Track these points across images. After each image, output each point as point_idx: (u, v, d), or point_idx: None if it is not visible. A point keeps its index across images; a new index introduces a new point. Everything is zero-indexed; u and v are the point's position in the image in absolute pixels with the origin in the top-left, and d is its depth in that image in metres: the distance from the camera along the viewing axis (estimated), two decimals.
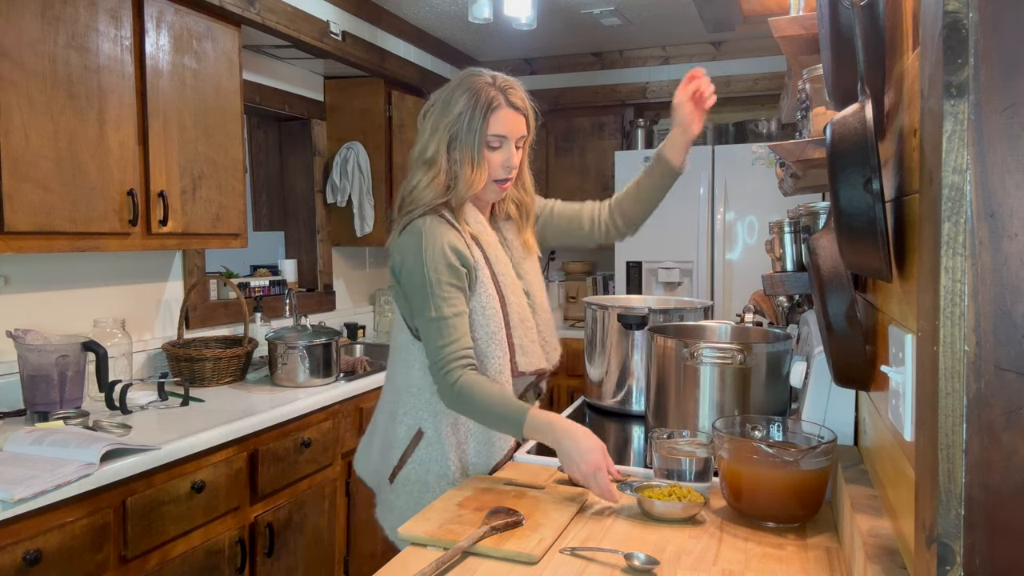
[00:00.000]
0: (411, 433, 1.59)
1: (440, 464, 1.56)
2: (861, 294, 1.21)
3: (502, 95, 1.54)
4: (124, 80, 2.15)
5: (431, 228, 1.52)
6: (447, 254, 1.50)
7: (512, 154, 1.57)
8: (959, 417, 0.60)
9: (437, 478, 1.56)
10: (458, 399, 1.49)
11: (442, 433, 1.57)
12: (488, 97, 1.52)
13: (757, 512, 1.27)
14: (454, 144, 1.54)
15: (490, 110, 1.52)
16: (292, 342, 2.62)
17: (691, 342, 1.63)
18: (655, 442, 1.41)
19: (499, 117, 1.53)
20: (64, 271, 2.37)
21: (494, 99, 1.53)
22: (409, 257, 1.53)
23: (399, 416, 1.61)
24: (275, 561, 2.28)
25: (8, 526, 1.53)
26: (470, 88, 1.53)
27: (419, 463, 1.58)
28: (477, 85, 1.54)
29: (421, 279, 1.50)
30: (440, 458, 1.56)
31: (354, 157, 3.59)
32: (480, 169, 1.54)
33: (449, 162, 1.55)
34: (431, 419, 1.58)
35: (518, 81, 1.60)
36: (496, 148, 1.55)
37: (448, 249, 1.50)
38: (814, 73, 1.50)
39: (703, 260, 3.98)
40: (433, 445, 1.57)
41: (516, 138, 1.58)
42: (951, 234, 0.60)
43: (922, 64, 0.70)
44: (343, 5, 3.27)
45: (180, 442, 1.92)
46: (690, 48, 4.34)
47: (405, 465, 1.59)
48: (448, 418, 1.58)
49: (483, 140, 1.52)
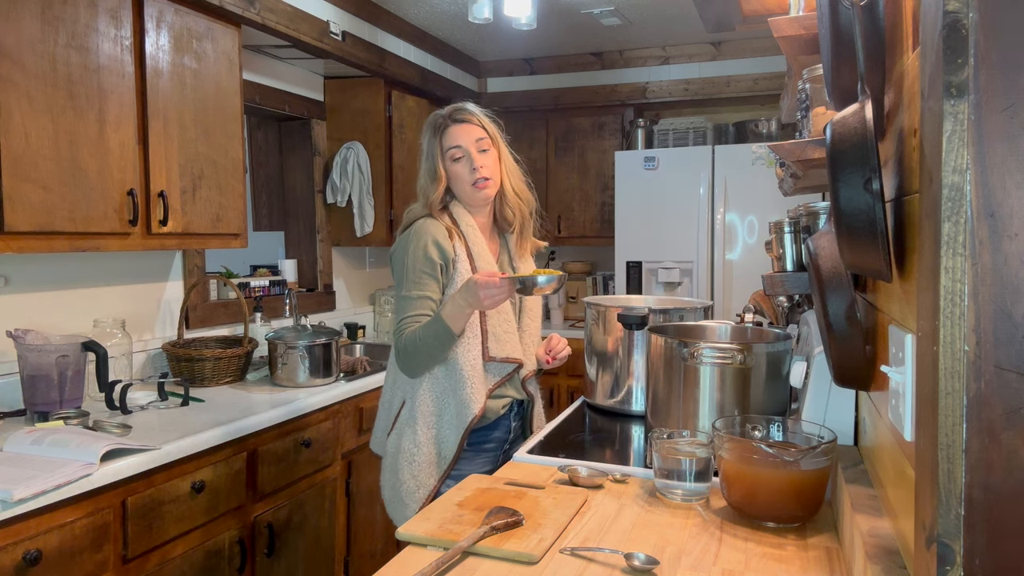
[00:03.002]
0: (399, 404, 1.86)
1: (411, 429, 1.81)
2: (861, 294, 1.21)
3: (448, 118, 1.85)
4: (124, 80, 2.15)
5: (421, 225, 1.82)
6: (428, 246, 1.78)
7: (475, 157, 1.82)
8: (959, 417, 0.60)
9: (408, 443, 1.80)
10: (403, 350, 1.76)
11: (416, 402, 1.81)
12: (438, 123, 1.86)
13: (757, 512, 1.27)
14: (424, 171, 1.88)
15: (441, 131, 1.85)
16: (292, 342, 2.62)
17: (691, 342, 1.63)
18: (655, 442, 1.41)
19: (449, 133, 1.84)
20: (64, 271, 2.37)
21: (442, 123, 1.86)
22: (398, 250, 1.84)
23: (396, 389, 1.89)
24: (275, 561, 2.28)
25: (8, 526, 1.53)
26: (428, 125, 1.89)
27: (398, 429, 1.84)
28: (431, 120, 1.89)
29: (402, 265, 1.81)
30: (411, 424, 1.81)
31: (354, 157, 3.59)
32: (439, 179, 1.84)
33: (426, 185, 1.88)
34: (410, 391, 1.83)
35: (469, 103, 1.90)
36: (459, 159, 1.83)
37: (430, 242, 1.78)
38: (814, 73, 1.50)
39: (703, 260, 3.97)
40: (409, 413, 1.82)
41: (473, 143, 1.83)
42: (951, 234, 0.60)
43: (922, 64, 0.70)
44: (343, 5, 3.27)
45: (180, 442, 1.92)
46: (690, 48, 4.34)
47: (392, 432, 1.87)
48: (422, 390, 1.80)
49: (441, 155, 1.84)
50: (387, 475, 1.86)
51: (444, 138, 1.84)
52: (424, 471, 1.79)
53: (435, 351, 1.74)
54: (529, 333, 1.95)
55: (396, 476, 1.82)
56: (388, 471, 1.85)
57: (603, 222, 4.47)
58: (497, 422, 1.88)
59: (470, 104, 1.89)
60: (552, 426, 1.95)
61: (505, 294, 1.67)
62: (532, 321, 1.97)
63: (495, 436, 1.89)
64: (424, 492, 1.79)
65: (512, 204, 1.91)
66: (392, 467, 1.83)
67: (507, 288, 1.67)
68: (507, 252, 1.97)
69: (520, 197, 1.92)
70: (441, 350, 1.75)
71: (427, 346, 1.73)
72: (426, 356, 1.75)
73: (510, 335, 1.86)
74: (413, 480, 1.79)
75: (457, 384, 1.79)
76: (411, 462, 1.79)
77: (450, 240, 1.80)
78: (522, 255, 1.97)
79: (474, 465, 1.84)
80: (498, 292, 1.66)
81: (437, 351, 1.74)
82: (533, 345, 1.97)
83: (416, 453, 1.79)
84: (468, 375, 1.78)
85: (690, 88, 4.38)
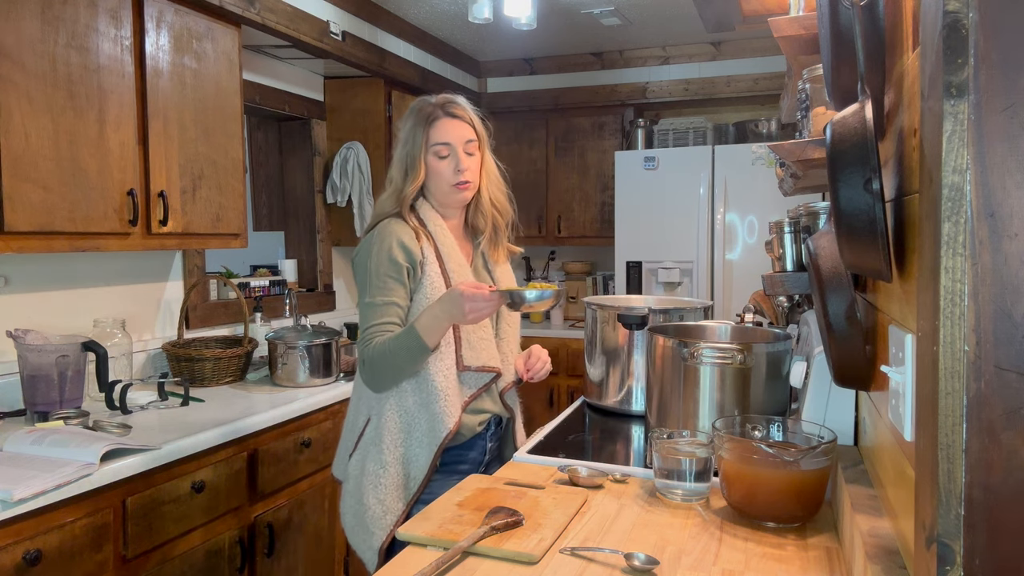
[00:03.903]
0: (364, 421, 1.72)
1: (376, 448, 1.67)
2: (861, 294, 1.21)
3: (440, 109, 1.72)
4: (124, 80, 2.15)
5: (385, 227, 1.69)
6: (393, 248, 1.65)
7: (461, 158, 1.71)
8: (959, 417, 0.60)
9: (373, 463, 1.66)
10: (370, 363, 1.62)
11: (383, 419, 1.67)
12: (427, 113, 1.72)
13: (757, 512, 1.27)
14: (399, 160, 1.74)
15: (429, 122, 1.71)
16: (292, 342, 2.62)
17: (691, 342, 1.63)
18: (655, 442, 1.41)
19: (439, 127, 1.71)
20: (64, 271, 2.37)
21: (432, 113, 1.71)
22: (361, 253, 1.70)
23: (360, 407, 1.75)
24: (275, 561, 2.28)
25: (8, 526, 1.53)
26: (413, 111, 1.75)
27: (362, 449, 1.70)
28: (419, 107, 1.75)
29: (364, 270, 1.67)
30: (377, 443, 1.67)
31: (354, 157, 3.59)
32: (417, 173, 1.71)
33: (399, 176, 1.74)
34: (376, 407, 1.69)
35: (461, 97, 1.77)
36: (444, 156, 1.71)
37: (395, 244, 1.65)
38: (814, 73, 1.50)
39: (703, 260, 3.97)
40: (375, 431, 1.68)
41: (462, 143, 1.72)
42: (951, 234, 0.60)
43: (922, 64, 0.70)
44: (343, 5, 3.27)
45: (180, 442, 1.92)
46: (690, 48, 4.34)
47: (355, 452, 1.72)
48: (389, 405, 1.67)
49: (426, 148, 1.71)
50: (349, 500, 1.70)
51: (432, 131, 1.70)
52: (391, 495, 1.64)
53: (405, 365, 1.61)
54: (507, 340, 1.80)
55: (360, 501, 1.66)
56: (350, 496, 1.70)
57: (603, 222, 4.47)
58: (472, 441, 1.73)
59: (461, 98, 1.76)
60: (552, 426, 1.95)
61: (492, 308, 1.55)
62: (511, 327, 1.83)
63: (470, 457, 1.74)
64: (392, 517, 1.64)
65: (485, 211, 1.79)
66: (355, 491, 1.68)
67: (495, 302, 1.55)
68: (482, 256, 1.84)
69: (496, 206, 1.80)
70: (411, 364, 1.61)
71: (397, 359, 1.59)
72: (394, 370, 1.61)
73: (486, 342, 1.72)
74: (379, 505, 1.64)
75: (429, 398, 1.64)
76: (376, 485, 1.64)
77: (417, 242, 1.67)
78: (497, 260, 1.85)
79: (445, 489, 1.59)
80: (486, 306, 1.53)
81: (407, 365, 1.61)
82: (512, 353, 1.82)
83: (382, 475, 1.64)
84: (441, 387, 1.64)
85: (690, 88, 4.38)
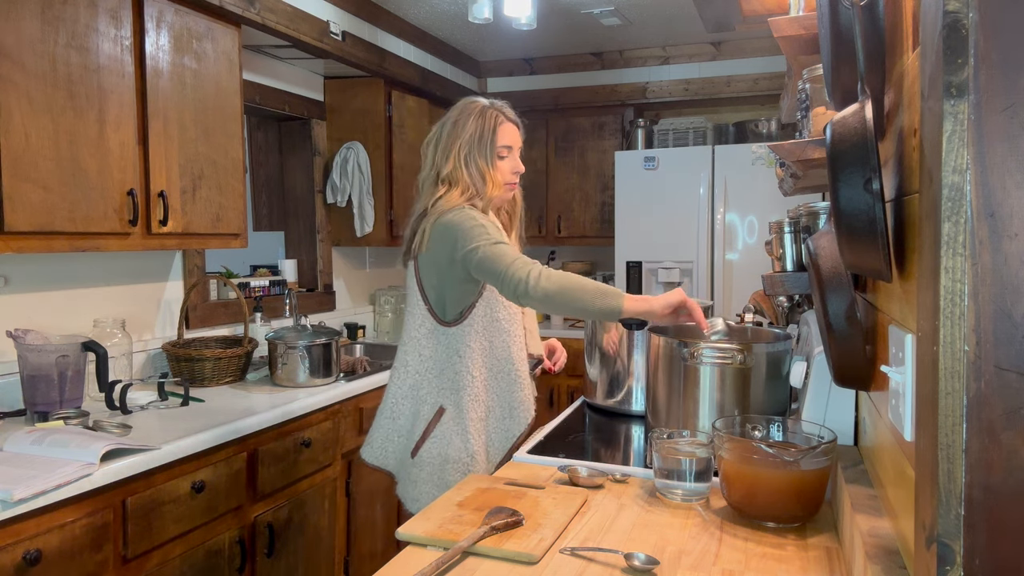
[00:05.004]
0: (433, 410, 1.73)
1: (461, 438, 1.70)
2: (861, 294, 1.21)
3: (501, 113, 1.82)
4: (124, 80, 2.15)
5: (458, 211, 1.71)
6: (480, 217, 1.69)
7: (518, 161, 1.84)
8: (959, 417, 0.60)
9: (458, 451, 1.70)
10: (550, 283, 1.56)
11: (463, 409, 1.71)
12: (493, 116, 1.81)
13: (757, 512, 1.27)
14: (470, 160, 1.77)
15: (497, 125, 1.79)
16: (292, 342, 2.62)
17: (691, 342, 1.63)
18: (655, 442, 1.41)
19: (504, 131, 1.81)
20: (64, 271, 2.37)
21: (497, 116, 1.81)
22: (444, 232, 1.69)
23: (422, 396, 1.76)
24: (275, 561, 2.28)
25: (8, 526, 1.53)
26: (474, 112, 1.80)
27: (440, 438, 1.72)
28: (479, 108, 1.81)
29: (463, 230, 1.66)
30: (461, 432, 1.70)
31: (354, 157, 3.59)
32: (494, 176, 1.78)
33: (469, 176, 1.76)
34: (452, 397, 1.72)
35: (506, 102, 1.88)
36: (505, 157, 1.81)
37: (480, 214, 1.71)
38: (814, 73, 1.50)
39: (703, 260, 3.97)
40: (455, 421, 1.71)
41: (519, 148, 1.84)
42: (951, 234, 0.60)
43: (922, 64, 0.70)
44: (343, 5, 3.27)
45: (180, 442, 1.92)
46: (690, 48, 4.34)
47: (427, 440, 1.73)
48: (469, 395, 1.71)
49: (495, 151, 1.78)
50: (426, 487, 1.70)
51: (500, 135, 1.78)
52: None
53: (588, 300, 1.55)
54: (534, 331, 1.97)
55: (446, 487, 1.66)
56: (428, 482, 1.70)
57: (603, 222, 4.47)
58: None
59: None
60: (552, 426, 1.95)
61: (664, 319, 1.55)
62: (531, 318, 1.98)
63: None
64: None
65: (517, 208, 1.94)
66: (437, 478, 1.69)
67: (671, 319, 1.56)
68: None
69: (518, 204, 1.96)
70: (590, 311, 1.56)
71: (585, 292, 1.55)
72: (575, 293, 1.55)
73: (535, 329, 1.90)
74: None
75: (512, 385, 1.72)
76: (465, 472, 1.69)
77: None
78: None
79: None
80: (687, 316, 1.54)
81: (585, 308, 1.55)
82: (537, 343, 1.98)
83: (470, 463, 1.69)
84: (522, 375, 1.73)
85: (690, 88, 4.38)
